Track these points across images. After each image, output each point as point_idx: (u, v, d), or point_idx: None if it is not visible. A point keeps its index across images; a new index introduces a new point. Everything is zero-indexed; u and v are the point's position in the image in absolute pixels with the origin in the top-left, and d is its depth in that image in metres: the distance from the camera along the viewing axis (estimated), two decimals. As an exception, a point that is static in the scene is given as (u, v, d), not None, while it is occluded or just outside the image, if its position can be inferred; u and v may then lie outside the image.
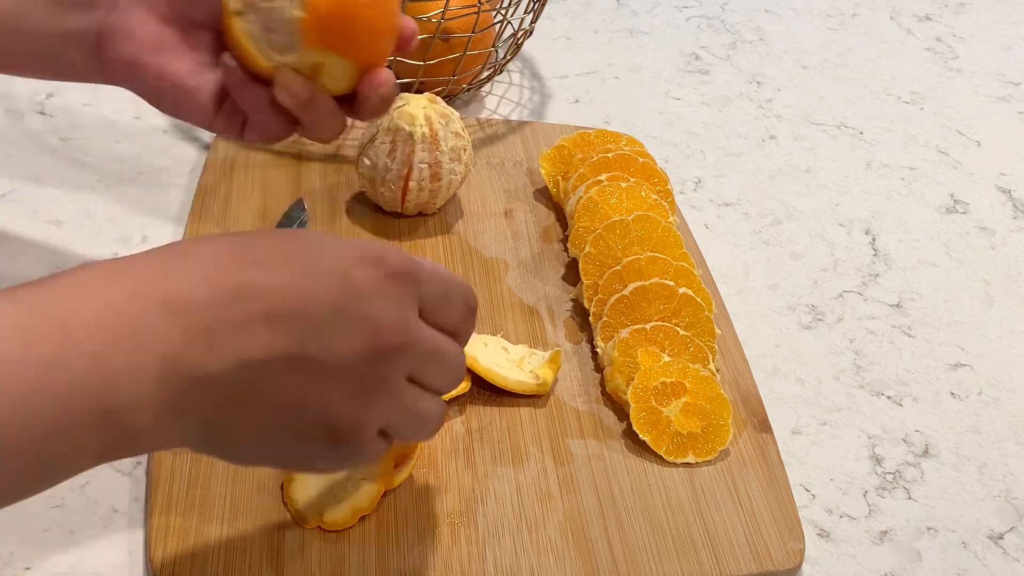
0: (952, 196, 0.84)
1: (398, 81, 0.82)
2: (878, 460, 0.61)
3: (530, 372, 0.60)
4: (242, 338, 0.35)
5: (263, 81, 0.48)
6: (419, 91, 0.78)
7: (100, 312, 0.34)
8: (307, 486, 0.52)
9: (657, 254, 0.64)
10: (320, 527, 0.51)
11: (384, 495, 0.53)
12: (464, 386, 0.58)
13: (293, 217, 0.69)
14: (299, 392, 0.37)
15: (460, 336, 0.42)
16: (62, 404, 0.33)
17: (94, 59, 0.50)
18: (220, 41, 0.50)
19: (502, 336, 0.63)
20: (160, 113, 0.53)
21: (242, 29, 0.46)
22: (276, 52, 0.46)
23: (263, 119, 0.49)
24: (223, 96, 0.50)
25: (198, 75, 0.49)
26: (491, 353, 0.60)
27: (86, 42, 0.50)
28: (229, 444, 0.38)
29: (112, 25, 0.49)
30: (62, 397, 0.33)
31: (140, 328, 0.34)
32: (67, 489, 0.54)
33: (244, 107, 0.49)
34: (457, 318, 0.42)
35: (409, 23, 0.49)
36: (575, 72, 0.94)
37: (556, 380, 0.61)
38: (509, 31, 0.93)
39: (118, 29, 0.49)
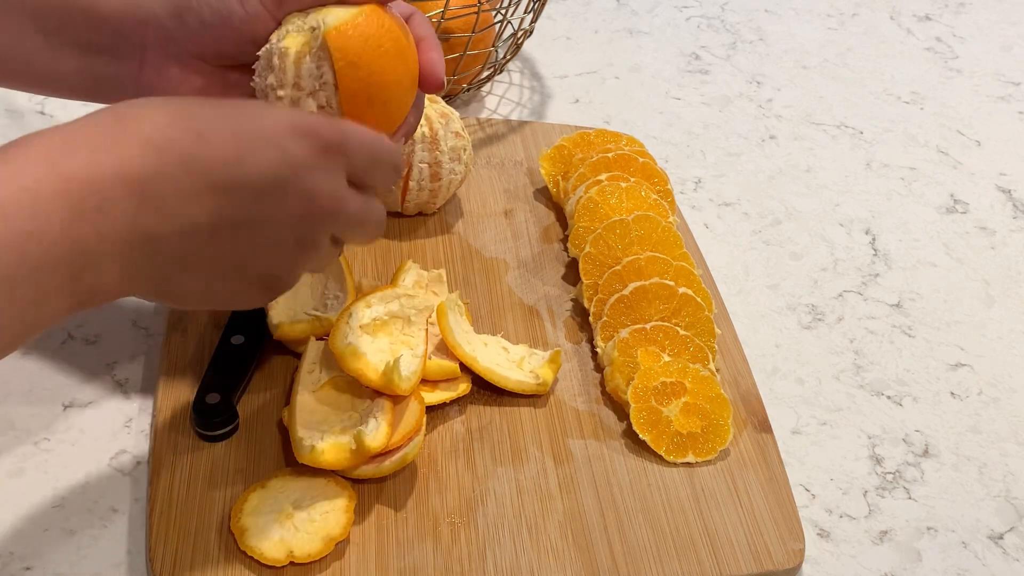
0: (952, 196, 0.84)
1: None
2: (878, 460, 0.61)
3: (530, 372, 0.60)
4: (190, 206, 0.40)
5: None
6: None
7: (65, 184, 0.37)
8: (261, 531, 0.50)
9: (657, 254, 0.64)
10: (293, 563, 0.49)
11: (383, 485, 0.53)
12: (464, 387, 0.58)
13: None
14: (242, 251, 0.42)
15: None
16: (40, 270, 0.36)
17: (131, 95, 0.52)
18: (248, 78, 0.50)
19: (502, 336, 0.63)
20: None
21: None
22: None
23: None
24: None
25: None
26: (491, 353, 0.60)
27: (122, 85, 0.51)
28: (176, 294, 0.43)
29: (150, 82, 0.50)
30: (39, 264, 0.36)
31: (102, 199, 0.37)
32: (67, 489, 0.54)
33: None
34: (381, 180, 0.46)
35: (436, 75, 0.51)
36: (575, 72, 0.94)
37: (556, 380, 0.61)
38: (509, 31, 0.93)
39: (157, 87, 0.50)
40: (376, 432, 0.51)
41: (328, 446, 0.51)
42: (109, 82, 0.51)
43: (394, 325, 0.57)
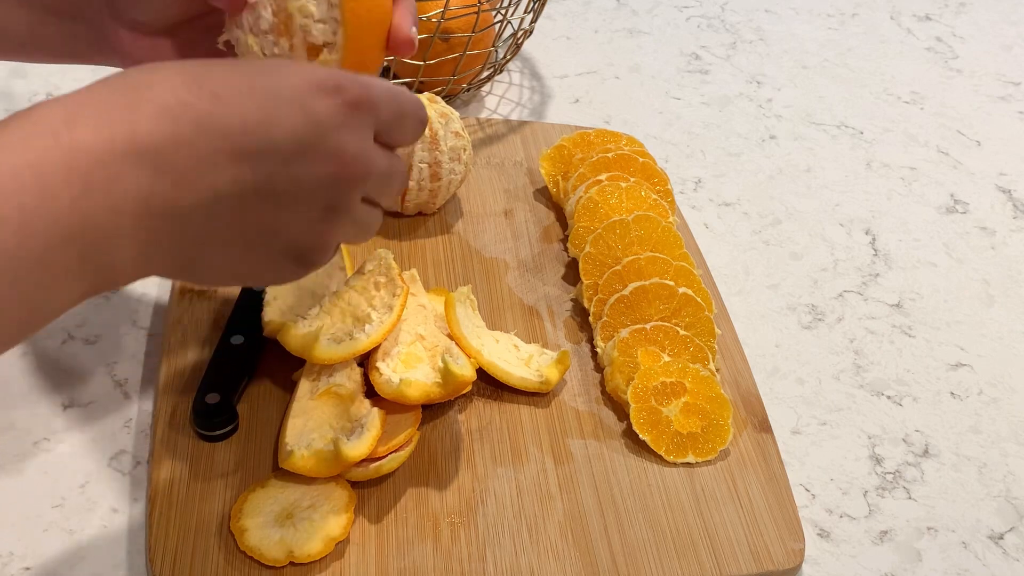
0: (952, 196, 0.84)
1: (398, 81, 0.82)
2: (878, 460, 0.61)
3: (536, 371, 0.59)
4: (210, 174, 0.36)
5: None
6: (419, 91, 0.78)
7: (72, 157, 0.34)
8: (261, 531, 0.50)
9: (657, 254, 0.64)
10: (292, 563, 0.49)
11: (383, 483, 0.53)
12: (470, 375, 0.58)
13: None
14: (269, 222, 0.39)
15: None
16: (47, 250, 0.34)
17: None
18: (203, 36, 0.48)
19: (515, 335, 0.63)
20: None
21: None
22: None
23: None
24: None
25: None
26: (500, 349, 0.60)
27: (101, 48, 0.49)
28: (200, 270, 0.40)
29: (119, 46, 0.48)
30: (46, 244, 0.34)
31: (112, 171, 0.34)
32: (67, 489, 0.54)
33: None
34: (410, 136, 0.43)
35: (403, 30, 0.46)
36: (575, 72, 0.94)
37: (564, 381, 0.61)
38: (509, 31, 0.93)
39: (122, 51, 0.48)
40: (358, 442, 0.51)
41: (310, 453, 0.51)
42: (87, 45, 0.49)
43: (417, 347, 0.57)
